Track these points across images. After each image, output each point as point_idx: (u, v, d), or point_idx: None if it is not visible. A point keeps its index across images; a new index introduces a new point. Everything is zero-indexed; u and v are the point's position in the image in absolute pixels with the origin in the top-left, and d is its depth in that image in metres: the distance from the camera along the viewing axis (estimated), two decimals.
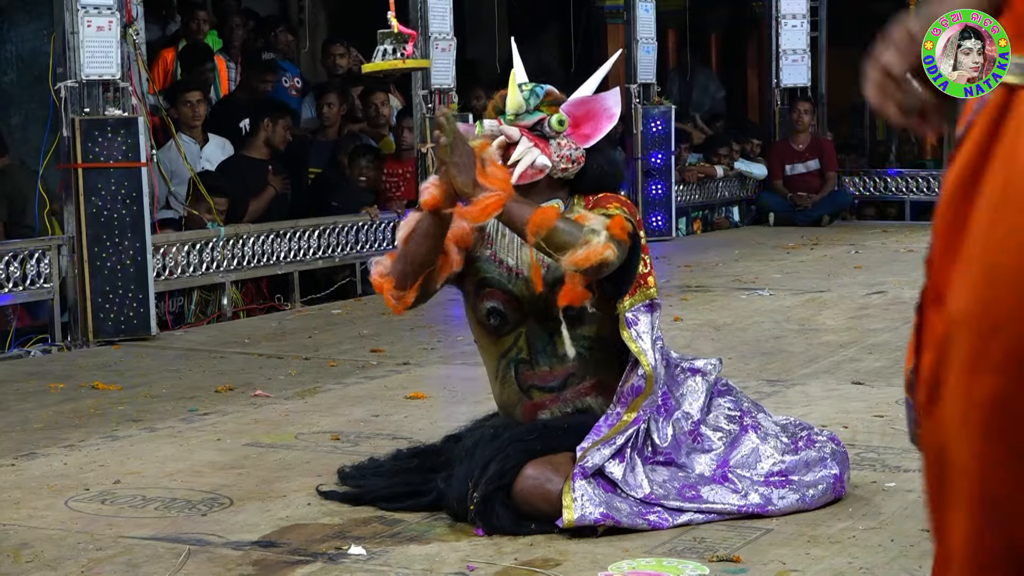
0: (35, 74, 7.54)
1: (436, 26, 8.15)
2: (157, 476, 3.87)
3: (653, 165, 10.35)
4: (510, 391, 3.43)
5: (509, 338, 3.40)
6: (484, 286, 3.40)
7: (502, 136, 3.35)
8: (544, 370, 3.37)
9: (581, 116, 3.41)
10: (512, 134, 3.35)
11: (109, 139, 6.36)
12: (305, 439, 4.32)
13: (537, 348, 3.36)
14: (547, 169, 3.34)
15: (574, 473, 3.19)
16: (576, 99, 3.46)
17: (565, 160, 3.36)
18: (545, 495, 3.19)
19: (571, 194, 3.42)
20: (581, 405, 3.37)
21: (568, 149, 3.36)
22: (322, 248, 7.88)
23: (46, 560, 3.12)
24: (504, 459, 3.22)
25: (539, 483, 3.19)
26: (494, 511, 3.19)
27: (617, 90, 3.54)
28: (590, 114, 3.43)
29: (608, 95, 3.48)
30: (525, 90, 3.38)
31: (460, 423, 3.74)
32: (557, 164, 3.35)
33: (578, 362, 3.36)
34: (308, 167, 8.62)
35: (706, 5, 13.60)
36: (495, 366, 3.45)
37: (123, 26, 6.45)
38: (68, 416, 4.74)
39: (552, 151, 3.35)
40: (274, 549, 3.18)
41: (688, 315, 6.78)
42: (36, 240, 6.48)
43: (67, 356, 6.18)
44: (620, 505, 3.20)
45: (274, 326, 6.88)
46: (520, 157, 3.32)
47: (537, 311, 3.35)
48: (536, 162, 3.33)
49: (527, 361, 3.38)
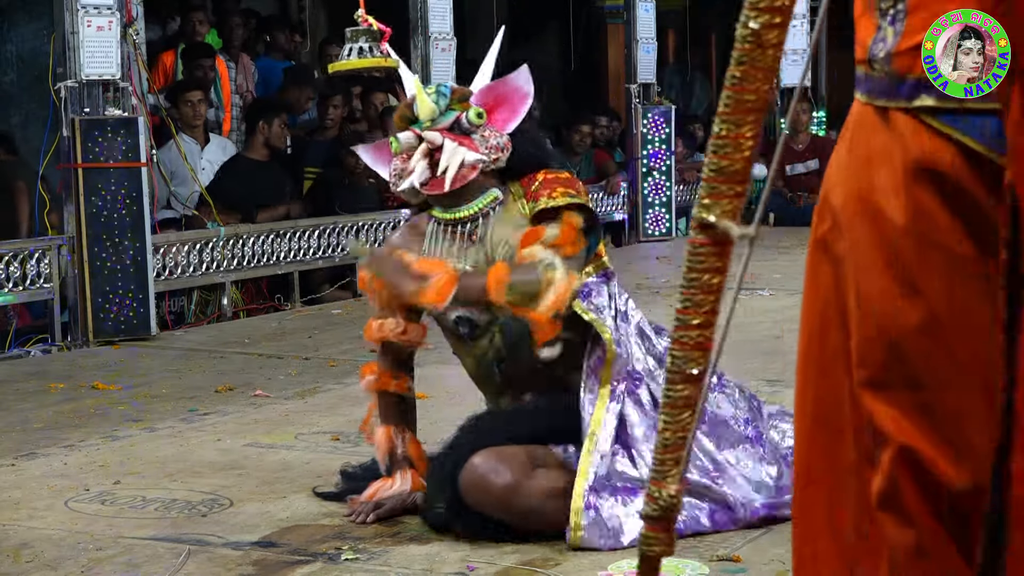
0: (35, 74, 7.54)
1: (436, 26, 8.15)
2: (157, 476, 3.87)
3: (653, 165, 10.35)
4: (492, 387, 3.37)
5: (483, 341, 3.30)
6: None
7: (424, 144, 3.28)
8: (524, 362, 3.26)
9: (493, 103, 3.33)
10: (434, 139, 3.27)
11: (109, 139, 6.36)
12: (305, 439, 4.32)
13: (514, 343, 3.26)
14: (480, 164, 3.26)
15: (586, 494, 3.07)
16: (483, 88, 3.37)
17: (494, 150, 3.27)
18: (487, 488, 3.06)
19: (503, 182, 3.34)
20: (565, 385, 3.27)
21: (494, 139, 3.28)
22: (322, 248, 7.88)
23: (46, 560, 3.12)
24: (458, 451, 3.14)
25: (483, 475, 3.06)
26: (460, 514, 3.10)
27: (525, 67, 3.40)
28: (501, 98, 3.34)
29: (515, 76, 3.37)
30: (431, 93, 3.32)
31: (460, 423, 3.73)
32: (488, 156, 3.26)
33: (562, 347, 3.24)
34: (305, 167, 8.62)
35: (706, 5, 13.60)
36: (474, 367, 3.38)
37: (123, 26, 6.45)
38: (68, 416, 4.74)
39: (478, 145, 3.27)
40: (274, 549, 3.18)
41: None
42: (36, 240, 6.48)
43: (67, 356, 6.18)
44: (632, 527, 3.09)
45: (274, 326, 6.88)
46: (449, 160, 3.25)
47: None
48: (467, 160, 3.25)
49: (505, 359, 3.30)
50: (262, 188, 7.90)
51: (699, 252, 1.37)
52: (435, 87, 3.35)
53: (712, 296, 1.38)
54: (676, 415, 1.41)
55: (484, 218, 3.31)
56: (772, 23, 1.26)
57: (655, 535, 1.42)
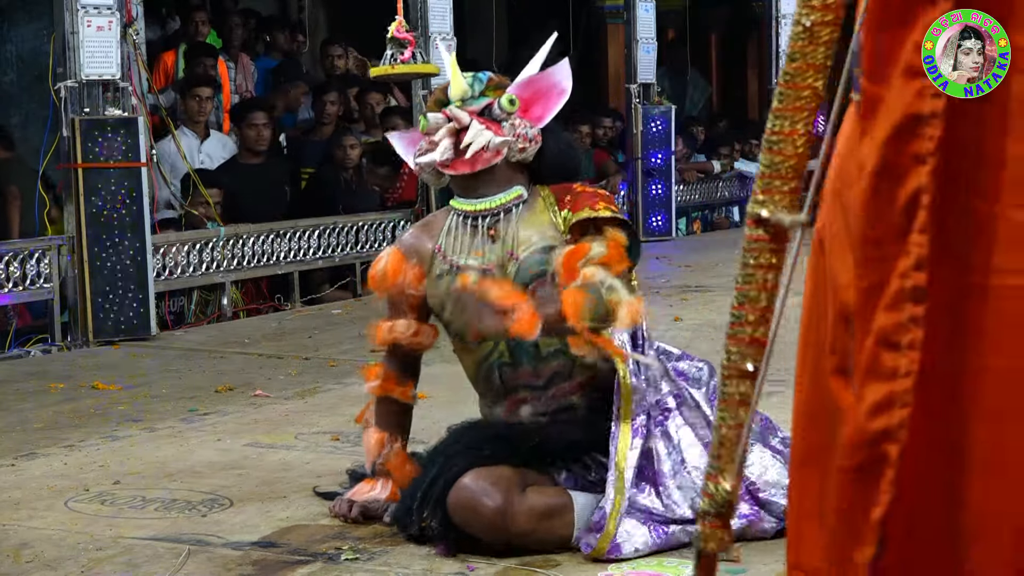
0: (35, 74, 7.55)
1: (436, 26, 8.15)
2: (157, 476, 3.87)
3: (653, 165, 10.35)
4: (493, 390, 3.28)
5: (488, 344, 3.22)
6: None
7: (451, 123, 3.19)
8: (528, 370, 3.20)
9: (529, 97, 3.25)
10: (462, 117, 3.18)
11: (109, 139, 6.36)
12: (305, 439, 4.32)
13: (519, 350, 3.19)
14: (504, 148, 3.17)
15: (618, 523, 3.01)
16: (522, 80, 3.28)
17: (522, 139, 3.19)
18: (477, 510, 3.00)
19: (532, 182, 3.27)
20: (565, 403, 3.22)
21: (523, 128, 3.20)
22: (322, 248, 7.88)
23: (46, 560, 3.12)
24: (449, 469, 3.07)
25: (473, 495, 2.99)
26: (450, 531, 3.05)
27: (566, 62, 3.32)
28: (539, 93, 3.26)
29: (555, 70, 3.29)
30: (468, 77, 3.24)
31: (453, 427, 3.72)
32: (514, 144, 3.18)
33: (563, 361, 3.18)
34: (301, 168, 8.62)
35: (706, 5, 13.61)
36: (475, 370, 3.31)
37: (123, 26, 6.46)
38: (68, 416, 4.74)
39: (506, 132, 3.18)
40: (274, 549, 3.18)
41: (688, 315, 6.77)
42: (36, 240, 6.49)
43: (67, 356, 6.18)
44: (637, 538, 3.06)
45: (274, 326, 6.89)
46: (474, 138, 3.15)
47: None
48: (491, 142, 3.15)
49: (510, 364, 3.22)
50: (256, 189, 7.88)
51: (754, 247, 1.37)
52: (473, 73, 3.28)
53: (768, 292, 1.37)
54: (732, 411, 1.40)
55: (506, 214, 3.21)
56: (824, 20, 1.27)
57: (712, 531, 1.40)
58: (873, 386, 1.18)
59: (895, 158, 1.18)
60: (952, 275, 1.16)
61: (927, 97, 1.18)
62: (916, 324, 1.16)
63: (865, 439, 1.19)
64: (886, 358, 1.17)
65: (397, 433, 3.38)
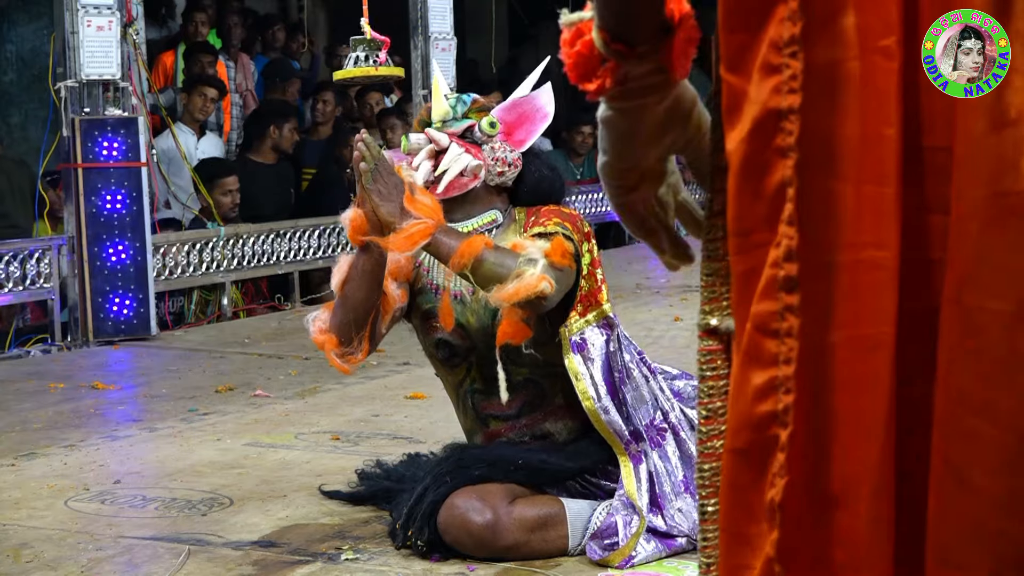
0: (35, 74, 7.57)
1: (436, 26, 8.15)
2: (157, 476, 3.87)
3: None
4: (469, 419, 3.27)
5: (461, 369, 3.21)
6: (429, 318, 3.21)
7: (430, 145, 3.15)
8: (498, 400, 3.14)
9: (513, 121, 3.21)
10: (441, 140, 3.14)
11: (109, 139, 6.36)
12: (305, 439, 4.32)
13: (490, 378, 3.15)
14: (481, 172, 3.14)
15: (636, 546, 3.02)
16: (507, 104, 3.25)
17: (500, 163, 3.15)
18: (466, 526, 2.99)
19: (512, 205, 3.23)
20: (539, 431, 3.19)
21: (503, 152, 3.16)
22: (322, 248, 7.88)
23: (46, 560, 3.12)
24: (439, 487, 3.05)
25: (462, 513, 2.98)
26: (439, 549, 3.04)
27: (549, 87, 3.27)
28: (522, 117, 3.22)
29: (538, 94, 3.25)
30: (451, 98, 3.22)
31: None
32: (493, 167, 3.15)
33: (534, 389, 3.16)
34: (302, 167, 8.63)
35: (707, 5, 13.62)
36: (454, 395, 3.30)
37: (123, 26, 6.46)
38: (68, 416, 4.74)
39: (485, 155, 3.15)
40: (274, 549, 3.18)
41: (688, 315, 6.77)
42: (36, 240, 6.49)
43: (67, 356, 6.19)
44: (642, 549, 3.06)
45: (274, 326, 6.89)
46: (450, 164, 3.13)
47: (485, 340, 3.14)
48: (468, 166, 3.13)
49: (482, 391, 3.20)
50: (268, 190, 7.91)
51: (709, 358, 1.35)
52: (457, 94, 3.26)
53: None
54: (711, 531, 1.39)
55: None
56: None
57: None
58: (756, 371, 1.20)
59: (760, 152, 1.20)
60: (820, 257, 1.18)
61: (784, 93, 1.20)
62: (792, 312, 1.18)
63: (752, 422, 1.21)
64: (767, 344, 1.19)
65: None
